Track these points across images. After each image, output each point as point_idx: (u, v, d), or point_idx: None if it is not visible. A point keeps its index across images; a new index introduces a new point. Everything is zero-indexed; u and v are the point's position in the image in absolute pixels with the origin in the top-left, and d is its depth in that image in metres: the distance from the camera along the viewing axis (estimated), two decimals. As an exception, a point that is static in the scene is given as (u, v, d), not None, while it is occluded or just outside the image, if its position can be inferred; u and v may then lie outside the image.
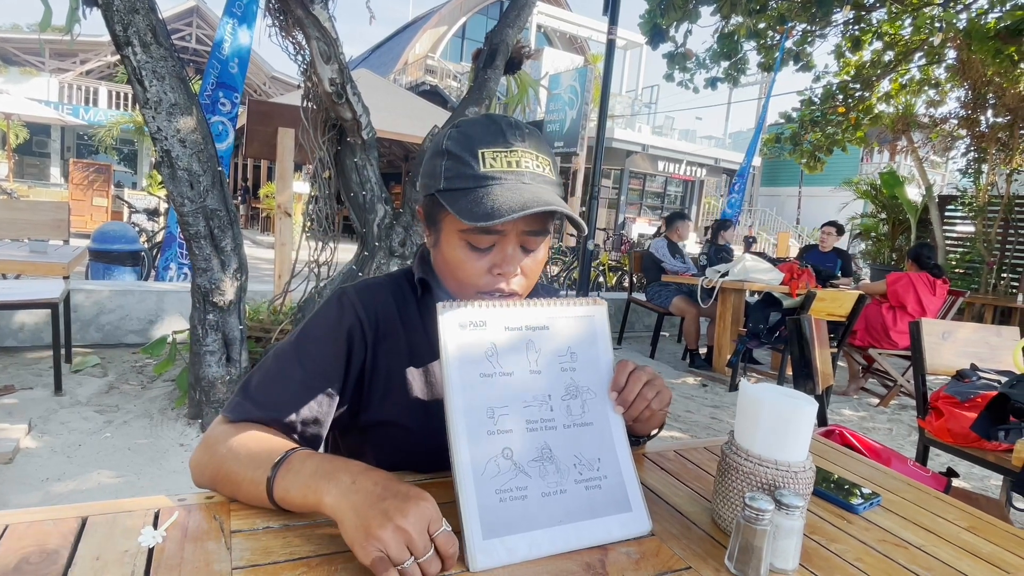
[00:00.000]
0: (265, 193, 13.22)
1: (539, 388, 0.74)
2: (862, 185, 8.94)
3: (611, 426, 0.77)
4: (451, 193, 0.77)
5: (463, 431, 0.67)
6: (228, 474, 0.70)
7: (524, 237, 0.79)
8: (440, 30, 20.90)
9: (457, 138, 0.79)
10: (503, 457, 0.68)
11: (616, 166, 16.86)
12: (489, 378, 0.71)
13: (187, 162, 2.44)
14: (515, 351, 0.74)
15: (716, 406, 3.89)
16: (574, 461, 0.72)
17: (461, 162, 0.77)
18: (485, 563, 0.62)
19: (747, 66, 6.36)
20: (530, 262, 0.82)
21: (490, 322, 0.73)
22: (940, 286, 4.20)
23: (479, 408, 0.69)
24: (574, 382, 0.77)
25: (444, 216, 0.81)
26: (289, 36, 2.80)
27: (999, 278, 7.02)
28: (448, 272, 0.83)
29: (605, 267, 8.25)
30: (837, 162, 9.33)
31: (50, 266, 2.92)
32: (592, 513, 0.70)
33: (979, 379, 2.03)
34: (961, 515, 0.89)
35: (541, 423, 0.72)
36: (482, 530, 0.63)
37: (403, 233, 2.96)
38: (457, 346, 0.71)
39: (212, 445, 0.74)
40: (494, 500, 0.65)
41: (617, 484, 0.73)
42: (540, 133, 0.83)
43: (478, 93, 3.06)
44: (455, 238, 0.80)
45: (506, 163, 0.77)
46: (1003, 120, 6.72)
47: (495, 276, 0.80)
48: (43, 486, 2.15)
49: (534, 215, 0.76)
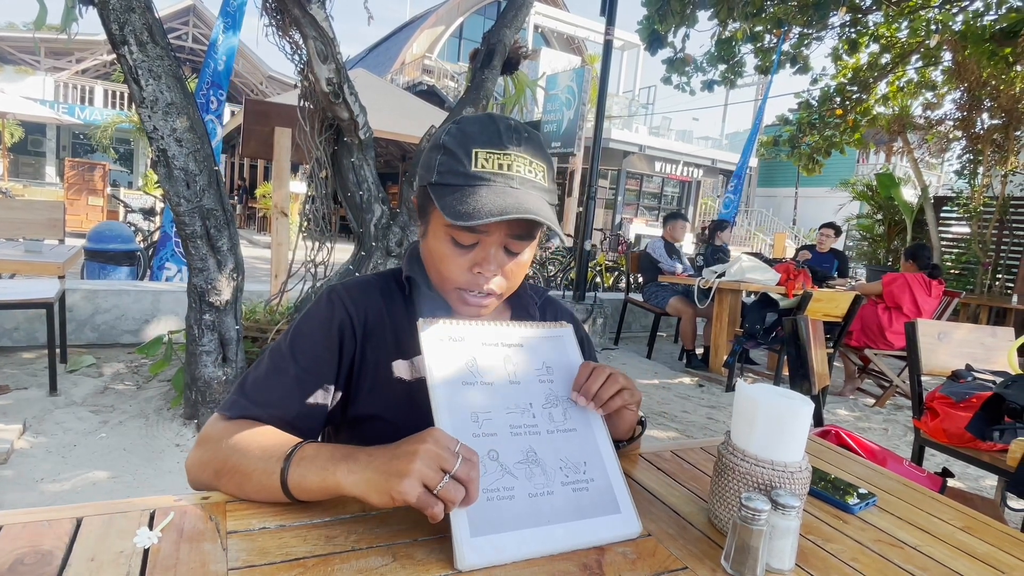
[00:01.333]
0: (262, 193, 13.19)
1: (520, 397, 0.76)
2: (858, 186, 8.97)
3: (594, 431, 0.79)
4: (440, 188, 0.78)
5: (449, 433, 0.68)
6: (235, 468, 0.70)
7: (508, 240, 0.81)
8: (437, 30, 20.88)
9: (455, 134, 0.80)
10: (489, 459, 0.70)
11: (613, 167, 16.88)
12: (471, 386, 0.74)
13: (183, 161, 2.44)
14: (493, 363, 0.77)
15: (712, 406, 3.89)
16: (560, 464, 0.74)
17: (455, 158, 0.78)
18: (474, 560, 0.62)
19: (744, 69, 6.38)
20: (513, 265, 0.83)
21: (468, 338, 0.77)
22: (936, 287, 4.22)
23: (463, 413, 0.71)
24: (553, 392, 0.79)
25: (433, 209, 0.82)
26: (286, 35, 2.79)
27: (994, 279, 7.05)
28: (432, 264, 0.85)
29: (602, 267, 8.26)
30: (834, 163, 9.35)
31: (45, 266, 2.90)
32: (580, 514, 0.71)
33: (974, 380, 2.03)
34: (956, 515, 0.89)
35: (525, 428, 0.74)
36: (470, 528, 0.64)
37: (400, 233, 2.96)
38: (438, 358, 0.74)
39: (212, 442, 0.75)
40: (481, 499, 0.66)
41: (605, 487, 0.74)
42: (540, 137, 0.84)
43: (475, 93, 3.06)
44: (441, 232, 0.81)
45: (497, 165, 0.77)
46: (998, 122, 6.75)
47: (474, 275, 0.81)
48: (38, 487, 2.14)
49: (518, 220, 0.77)
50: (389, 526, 0.69)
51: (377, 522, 0.69)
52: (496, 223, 0.76)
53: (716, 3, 5.03)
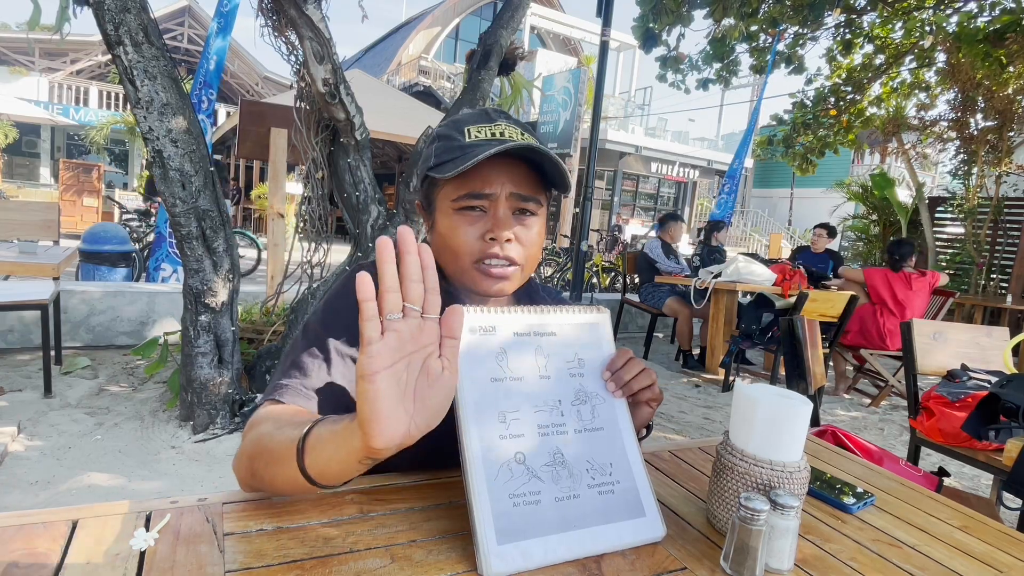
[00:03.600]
0: (258, 194, 13.16)
1: (549, 393, 0.74)
2: (853, 187, 9.00)
3: (622, 432, 0.77)
4: (440, 166, 0.80)
5: (475, 436, 0.67)
6: (263, 451, 0.67)
7: (515, 201, 0.81)
8: (434, 31, 20.88)
9: (446, 124, 0.85)
10: (516, 462, 0.68)
11: (609, 167, 16.91)
12: (500, 382, 0.71)
13: (179, 162, 2.43)
14: (524, 356, 0.74)
15: (709, 406, 3.90)
16: (586, 466, 0.72)
17: (449, 139, 0.82)
18: (501, 568, 0.61)
19: (739, 68, 6.39)
20: (526, 233, 0.83)
21: (499, 327, 0.73)
22: (916, 279, 4.19)
23: (491, 412, 0.69)
24: (583, 387, 0.77)
25: (437, 194, 0.84)
26: (282, 36, 2.79)
27: (988, 279, 7.08)
28: (445, 249, 0.84)
29: (599, 268, 8.26)
30: (828, 164, 9.40)
31: (40, 267, 2.89)
32: (606, 518, 0.69)
33: (969, 379, 2.04)
34: (954, 514, 0.89)
35: (552, 428, 0.72)
36: (496, 536, 0.62)
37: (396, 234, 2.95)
38: (467, 351, 0.70)
39: (251, 429, 0.73)
40: (508, 505, 0.65)
41: (630, 489, 0.73)
42: (531, 129, 0.86)
43: (472, 94, 3.06)
44: (448, 209, 0.82)
45: (489, 133, 0.80)
46: (992, 123, 6.78)
47: (488, 242, 0.81)
48: (32, 489, 2.12)
49: (521, 176, 0.80)
50: (387, 528, 0.68)
51: (375, 524, 0.69)
52: (500, 178, 0.79)
53: (711, 2, 5.04)
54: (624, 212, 17.52)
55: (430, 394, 0.57)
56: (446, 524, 0.70)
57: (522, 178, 0.81)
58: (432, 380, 0.57)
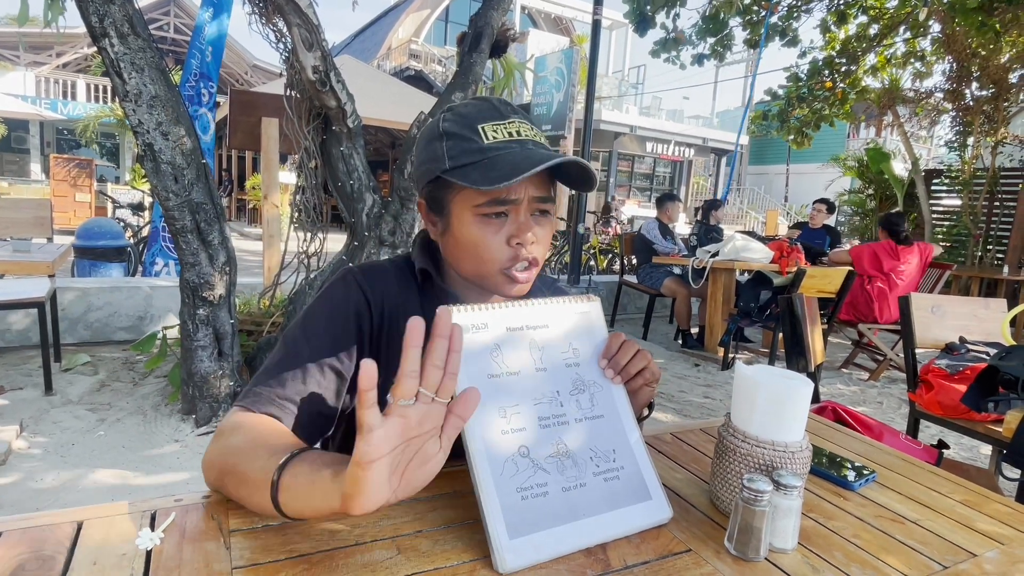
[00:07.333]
0: (251, 185, 13.07)
1: (547, 385, 0.74)
2: (849, 161, 8.97)
3: (621, 417, 0.77)
4: (460, 169, 0.77)
5: (478, 434, 0.67)
6: (233, 469, 0.67)
7: (535, 204, 0.80)
8: (423, 14, 20.61)
9: (454, 119, 0.80)
10: (520, 455, 0.68)
11: (604, 148, 16.81)
12: (497, 379, 0.71)
13: (170, 155, 2.40)
14: (519, 350, 0.74)
15: (709, 385, 3.92)
16: (590, 454, 0.72)
17: (463, 139, 0.78)
18: (515, 563, 0.61)
19: (733, 42, 6.33)
20: (541, 231, 0.82)
21: (491, 323, 0.73)
22: (904, 251, 4.18)
23: (491, 409, 0.69)
24: (579, 376, 0.77)
25: (453, 197, 0.81)
26: (270, 23, 2.75)
27: (985, 250, 7.09)
28: (466, 255, 0.82)
29: (596, 250, 8.25)
30: (824, 139, 9.36)
31: (34, 265, 2.88)
32: (613, 504, 0.70)
33: (968, 352, 2.05)
34: (955, 488, 0.90)
35: (553, 419, 0.73)
36: (507, 531, 0.63)
37: (392, 222, 2.94)
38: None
39: (223, 437, 0.71)
40: (516, 499, 0.65)
41: (634, 473, 0.74)
42: (530, 117, 0.85)
43: (464, 78, 3.02)
44: (468, 216, 0.79)
45: (507, 133, 0.78)
46: (987, 93, 6.74)
47: (514, 247, 0.80)
48: (37, 487, 2.13)
49: (541, 179, 0.79)
50: (393, 519, 0.68)
51: (380, 515, 0.69)
52: (524, 189, 0.78)
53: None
54: (620, 193, 17.46)
55: (418, 474, 0.57)
56: (451, 514, 0.70)
57: (542, 180, 0.81)
58: (424, 461, 0.57)
